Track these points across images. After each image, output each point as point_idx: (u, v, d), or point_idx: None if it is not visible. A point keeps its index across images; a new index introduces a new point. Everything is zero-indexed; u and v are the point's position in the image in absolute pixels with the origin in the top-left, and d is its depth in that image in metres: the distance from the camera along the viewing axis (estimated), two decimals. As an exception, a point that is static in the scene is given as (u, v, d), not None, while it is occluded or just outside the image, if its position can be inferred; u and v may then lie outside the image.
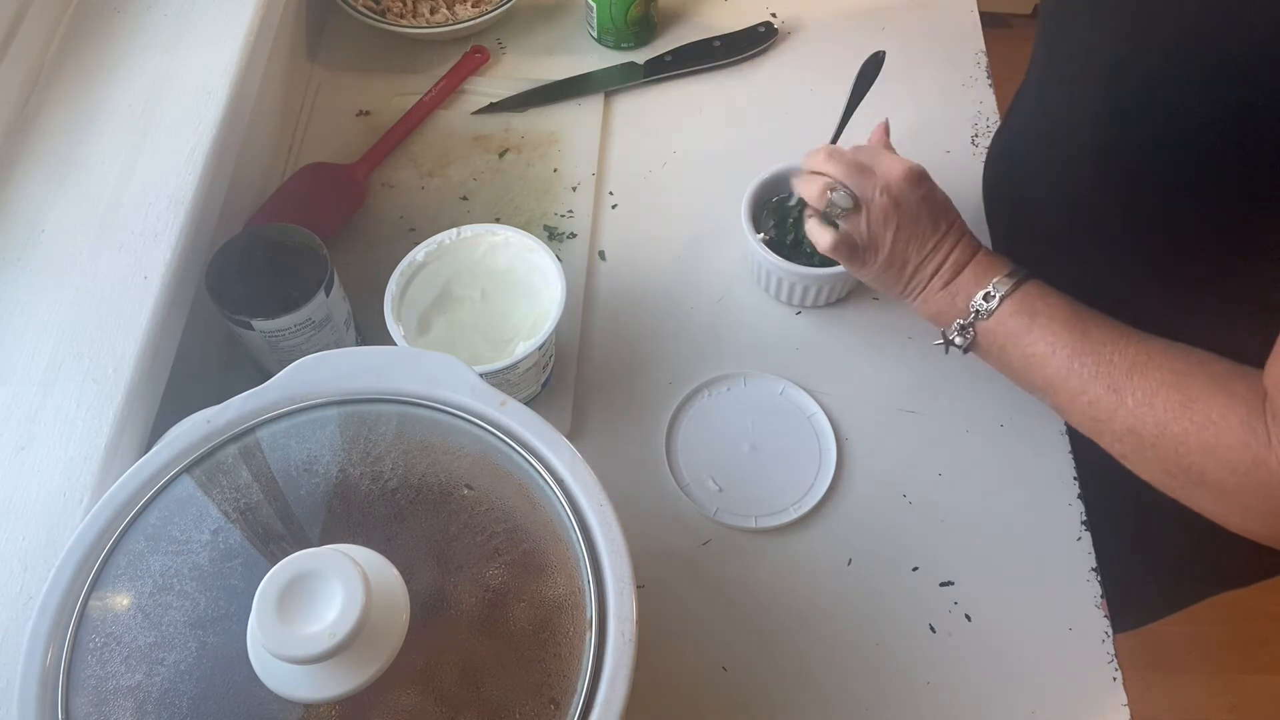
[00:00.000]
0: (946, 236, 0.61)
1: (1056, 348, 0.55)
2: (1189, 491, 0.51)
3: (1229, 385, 0.49)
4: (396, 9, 0.88)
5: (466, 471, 0.46)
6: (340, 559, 0.39)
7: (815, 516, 0.66)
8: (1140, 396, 0.51)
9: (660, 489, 0.67)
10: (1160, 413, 0.50)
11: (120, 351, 0.56)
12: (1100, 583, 0.63)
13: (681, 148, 0.83)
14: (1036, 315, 0.57)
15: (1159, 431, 0.50)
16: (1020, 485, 0.67)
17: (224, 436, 0.47)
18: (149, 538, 0.44)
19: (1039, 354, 0.56)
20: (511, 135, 0.83)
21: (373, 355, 0.50)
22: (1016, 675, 0.61)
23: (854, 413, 0.70)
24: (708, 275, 0.76)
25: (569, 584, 0.43)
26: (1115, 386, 0.53)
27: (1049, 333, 0.56)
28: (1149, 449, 0.51)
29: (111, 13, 0.70)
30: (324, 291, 0.62)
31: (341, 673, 0.39)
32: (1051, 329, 0.56)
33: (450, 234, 0.66)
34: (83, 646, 0.42)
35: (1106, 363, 0.53)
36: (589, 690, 0.41)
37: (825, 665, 0.61)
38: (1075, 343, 0.55)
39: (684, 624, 0.62)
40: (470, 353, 0.66)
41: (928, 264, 0.61)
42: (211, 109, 0.66)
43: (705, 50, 0.87)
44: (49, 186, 0.62)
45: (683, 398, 0.70)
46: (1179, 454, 0.50)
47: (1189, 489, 0.51)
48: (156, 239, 0.60)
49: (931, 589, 0.63)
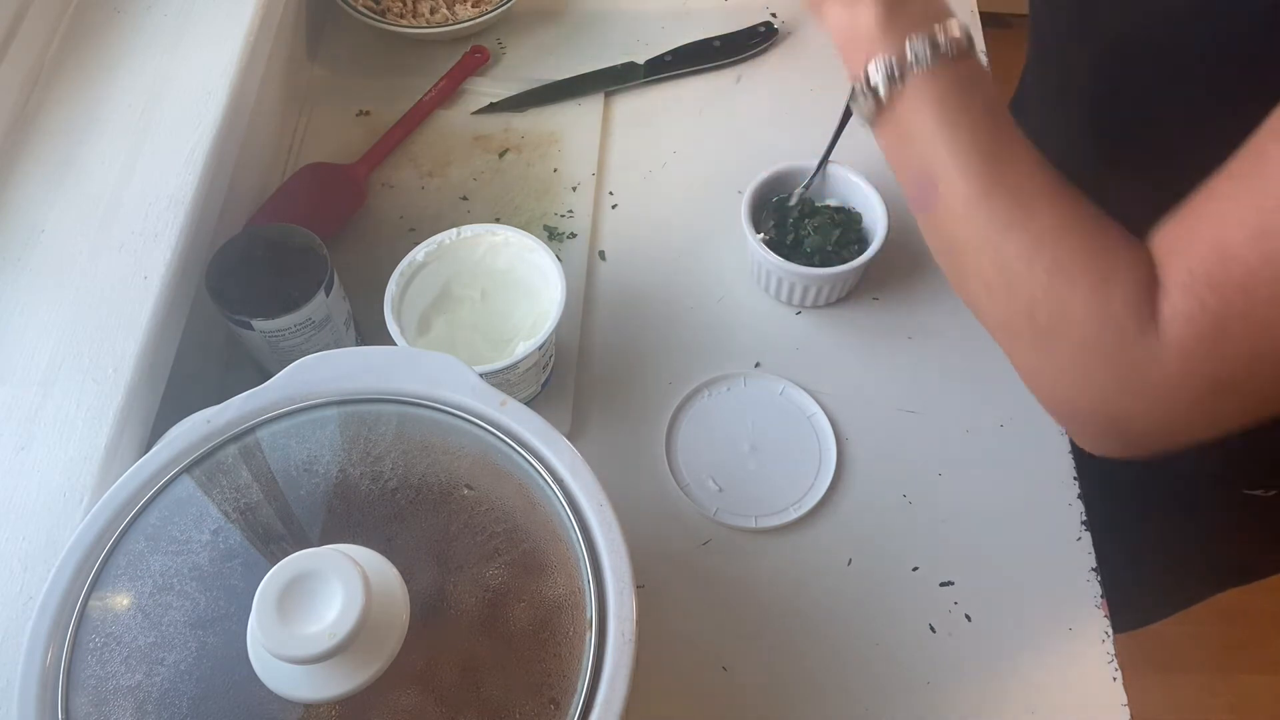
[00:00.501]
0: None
1: (982, 136, 0.48)
2: (1037, 344, 0.46)
3: (1138, 244, 0.45)
4: (396, 9, 0.88)
5: (466, 471, 0.46)
6: (340, 559, 0.39)
7: (815, 516, 0.66)
8: (1051, 223, 0.46)
9: (660, 489, 0.67)
10: (1065, 248, 0.45)
11: (120, 351, 0.56)
12: (1100, 583, 0.63)
13: (681, 148, 0.83)
14: (974, 92, 0.49)
15: (1054, 266, 0.45)
16: (1020, 485, 0.67)
17: (224, 436, 0.47)
18: (149, 538, 0.44)
19: (962, 136, 0.48)
20: (511, 135, 0.83)
21: (373, 355, 0.50)
22: (1016, 675, 0.61)
23: (854, 413, 0.70)
24: (708, 275, 0.76)
25: (569, 584, 0.43)
26: (1028, 203, 0.46)
27: (982, 117, 0.48)
28: (1024, 284, 0.46)
29: (111, 13, 0.70)
30: (324, 291, 0.62)
31: (341, 673, 0.39)
32: (986, 114, 0.49)
33: (450, 234, 0.66)
34: (83, 646, 0.42)
35: (1029, 174, 0.47)
36: (589, 690, 0.41)
37: (825, 665, 0.61)
38: (1004, 140, 0.48)
39: (684, 624, 0.62)
40: (470, 353, 0.66)
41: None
42: (211, 109, 0.66)
43: (705, 50, 0.87)
44: (49, 186, 0.62)
45: (683, 398, 0.70)
46: (1059, 297, 0.45)
47: (1039, 342, 0.46)
48: (156, 239, 0.60)
49: (931, 589, 0.63)
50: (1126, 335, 0.43)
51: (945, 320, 0.73)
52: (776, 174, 0.73)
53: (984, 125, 0.48)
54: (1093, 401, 0.46)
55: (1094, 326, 0.44)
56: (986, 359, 0.71)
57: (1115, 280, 0.44)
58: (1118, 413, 0.45)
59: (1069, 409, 0.47)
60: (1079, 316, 0.45)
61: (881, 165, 0.76)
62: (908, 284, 0.75)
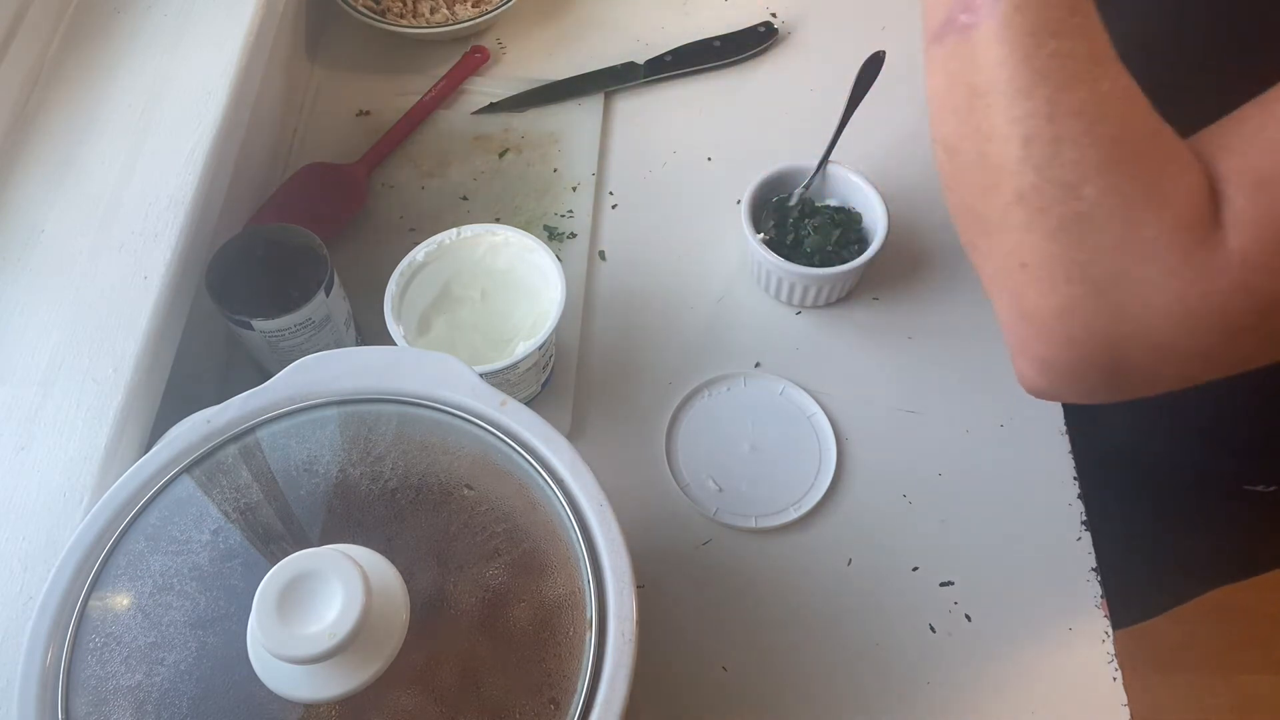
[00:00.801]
0: None
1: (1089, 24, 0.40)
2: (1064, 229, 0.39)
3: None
4: (396, 9, 0.88)
5: (466, 471, 0.46)
6: (340, 559, 0.39)
7: (815, 516, 0.66)
8: (1121, 87, 0.40)
9: (660, 489, 0.67)
10: (1134, 115, 0.40)
11: (120, 351, 0.56)
12: (1100, 583, 0.63)
13: (681, 148, 0.83)
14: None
15: (1120, 133, 0.39)
16: (1020, 485, 0.67)
17: (224, 436, 0.47)
18: (149, 538, 0.44)
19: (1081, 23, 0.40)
20: (511, 135, 0.83)
21: (373, 355, 0.50)
22: (1016, 675, 0.61)
23: (854, 413, 0.70)
24: (708, 275, 0.76)
25: (569, 584, 0.43)
26: (1100, 58, 0.40)
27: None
28: (1079, 147, 0.39)
29: (111, 13, 0.70)
30: (324, 291, 0.62)
31: (341, 673, 0.39)
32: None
33: (450, 234, 0.66)
34: (83, 646, 0.42)
35: (1100, 33, 0.41)
36: (589, 690, 0.41)
37: (825, 665, 0.61)
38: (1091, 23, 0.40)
39: (684, 624, 0.62)
40: (470, 353, 0.66)
41: None
42: (211, 109, 0.66)
43: (705, 50, 0.87)
44: (49, 186, 0.62)
45: (683, 398, 0.70)
46: (1118, 171, 0.39)
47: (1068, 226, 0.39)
48: (156, 239, 0.60)
49: (931, 589, 0.63)
50: (1179, 240, 0.37)
51: (945, 320, 0.73)
52: (776, 174, 0.73)
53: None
54: (1103, 313, 0.39)
55: (1147, 220, 0.38)
56: (986, 359, 0.71)
57: (1180, 173, 0.38)
58: (1127, 333, 0.39)
59: (1062, 320, 0.40)
60: (1134, 202, 0.38)
61: (882, 165, 0.76)
62: (908, 284, 0.75)
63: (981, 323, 0.72)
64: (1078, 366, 0.41)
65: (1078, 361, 0.41)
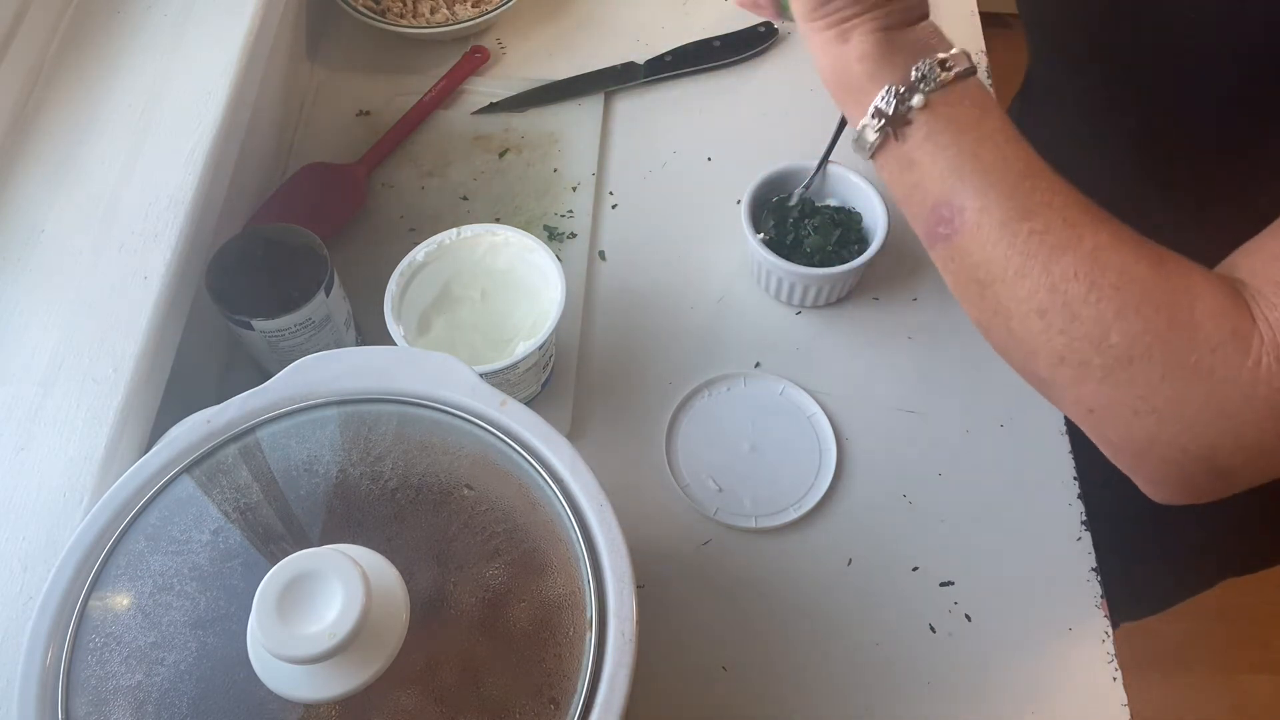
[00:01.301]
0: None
1: (1010, 156, 0.44)
2: (1111, 375, 0.41)
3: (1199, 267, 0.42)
4: (396, 9, 0.88)
5: (466, 471, 0.46)
6: (340, 559, 0.39)
7: (815, 516, 0.66)
8: (1105, 239, 0.41)
9: (660, 489, 0.67)
10: (1130, 259, 0.41)
11: (120, 351, 0.56)
12: (1100, 583, 0.63)
13: (681, 148, 0.83)
14: (988, 112, 0.45)
15: (1121, 281, 0.40)
16: (1020, 485, 0.67)
17: (224, 436, 0.47)
18: (149, 538, 0.44)
19: (985, 157, 0.44)
20: (511, 135, 0.83)
21: (373, 355, 0.50)
22: (1016, 675, 0.61)
23: (854, 413, 0.70)
24: (708, 275, 0.76)
25: (569, 584, 0.43)
26: (1074, 221, 0.42)
27: (1003, 138, 0.44)
28: (1088, 305, 0.41)
29: (111, 13, 0.70)
30: (324, 291, 0.62)
31: (341, 673, 0.39)
32: (1006, 135, 0.45)
33: (450, 234, 0.66)
34: (83, 646, 0.42)
35: (1066, 194, 0.43)
36: (589, 690, 0.41)
37: (825, 665, 0.61)
38: (1032, 160, 0.44)
39: (684, 624, 0.62)
40: (470, 353, 0.66)
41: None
42: (211, 109, 0.66)
43: (705, 50, 0.87)
44: (49, 186, 0.62)
45: (683, 398, 0.70)
46: (1136, 313, 0.40)
47: (1113, 371, 0.41)
48: (156, 239, 0.60)
49: (931, 589, 0.63)
50: (1221, 350, 0.39)
51: (945, 320, 0.73)
52: (776, 174, 0.73)
53: (1008, 144, 0.45)
54: (1182, 434, 0.40)
55: (1184, 341, 0.39)
56: (986, 359, 0.71)
57: (1196, 293, 0.40)
58: (1214, 442, 0.40)
59: (1150, 449, 0.42)
60: (1163, 331, 0.40)
61: (881, 165, 0.76)
62: (908, 284, 0.75)
63: (981, 323, 0.72)
64: (1185, 480, 0.42)
65: (1182, 477, 0.42)
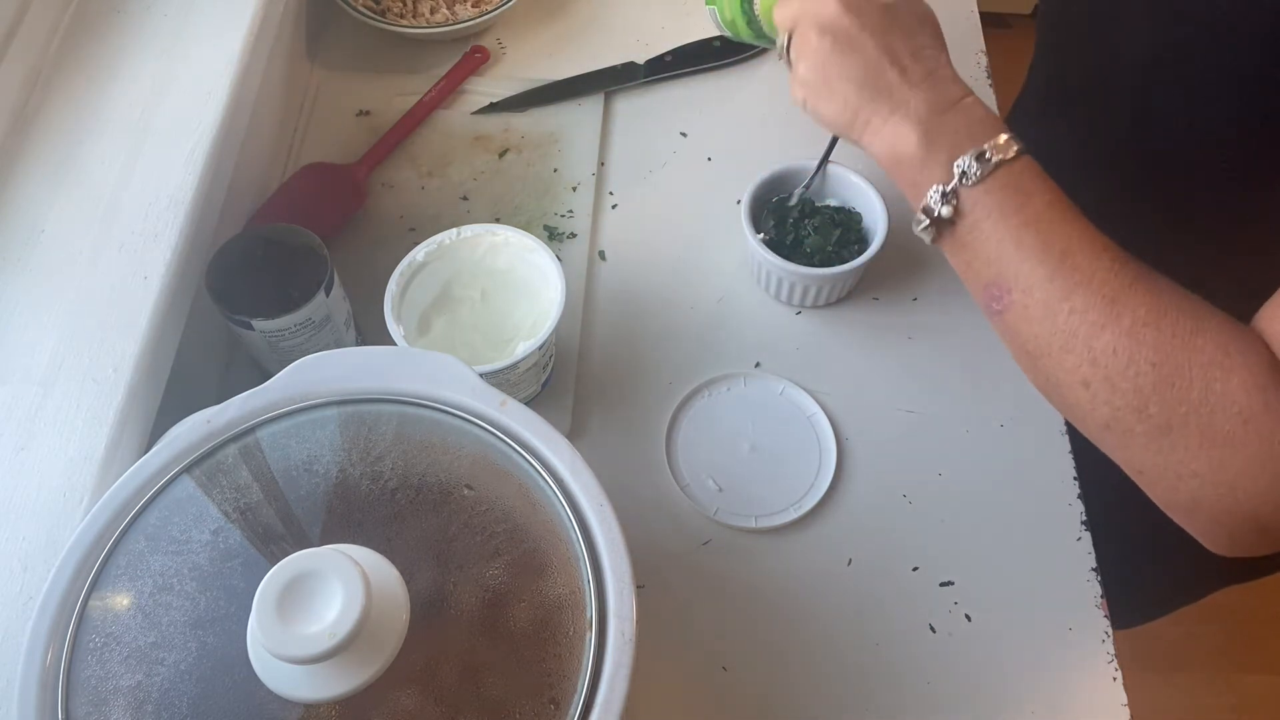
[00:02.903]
0: (917, 61, 0.51)
1: (1051, 238, 0.46)
2: (1153, 441, 0.43)
3: (1241, 326, 0.44)
4: (396, 9, 0.88)
5: (466, 471, 0.46)
6: (340, 559, 0.39)
7: (815, 516, 0.66)
8: (1143, 314, 0.43)
9: (660, 489, 0.67)
10: (1166, 335, 0.43)
11: (120, 351, 0.56)
12: (1100, 583, 0.63)
13: (681, 148, 0.83)
14: (1031, 196, 0.48)
15: (1157, 357, 0.43)
16: (1020, 485, 0.67)
17: (224, 436, 0.47)
18: (149, 538, 0.44)
19: (1028, 242, 0.47)
20: (511, 135, 0.83)
21: (373, 355, 0.50)
22: (1016, 675, 0.61)
23: (854, 413, 0.70)
24: (708, 275, 0.76)
25: (569, 584, 0.43)
26: (1113, 297, 0.44)
27: (1045, 219, 0.47)
28: (1127, 379, 0.43)
29: (111, 13, 0.70)
30: (324, 291, 0.62)
31: (341, 673, 0.39)
32: (1049, 215, 0.47)
33: (450, 234, 0.66)
34: (83, 646, 0.42)
35: (1107, 269, 0.45)
36: (589, 690, 0.41)
37: (825, 665, 0.61)
38: (1074, 237, 0.46)
39: (684, 624, 0.62)
40: (470, 353, 0.66)
41: (897, 94, 0.50)
42: (211, 109, 0.66)
43: (705, 50, 0.87)
44: (49, 186, 0.62)
45: (683, 398, 0.70)
46: (1172, 386, 0.42)
47: (1155, 439, 0.43)
48: (156, 239, 0.60)
49: (931, 589, 0.63)
50: (1257, 417, 0.41)
51: (945, 320, 0.73)
52: (776, 174, 0.73)
53: (1050, 225, 0.47)
54: (1225, 496, 0.42)
55: (1217, 412, 0.41)
56: (986, 359, 0.71)
57: (1231, 362, 0.42)
58: (1255, 504, 0.42)
59: (1197, 509, 0.44)
60: (1197, 403, 0.42)
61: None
62: (908, 284, 0.75)
63: (981, 323, 0.71)
64: (1234, 538, 0.44)
65: (1230, 535, 0.44)
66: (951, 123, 0.49)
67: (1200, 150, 0.59)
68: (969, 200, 0.48)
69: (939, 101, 0.50)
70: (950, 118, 0.50)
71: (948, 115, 0.50)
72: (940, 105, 0.50)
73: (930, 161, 0.49)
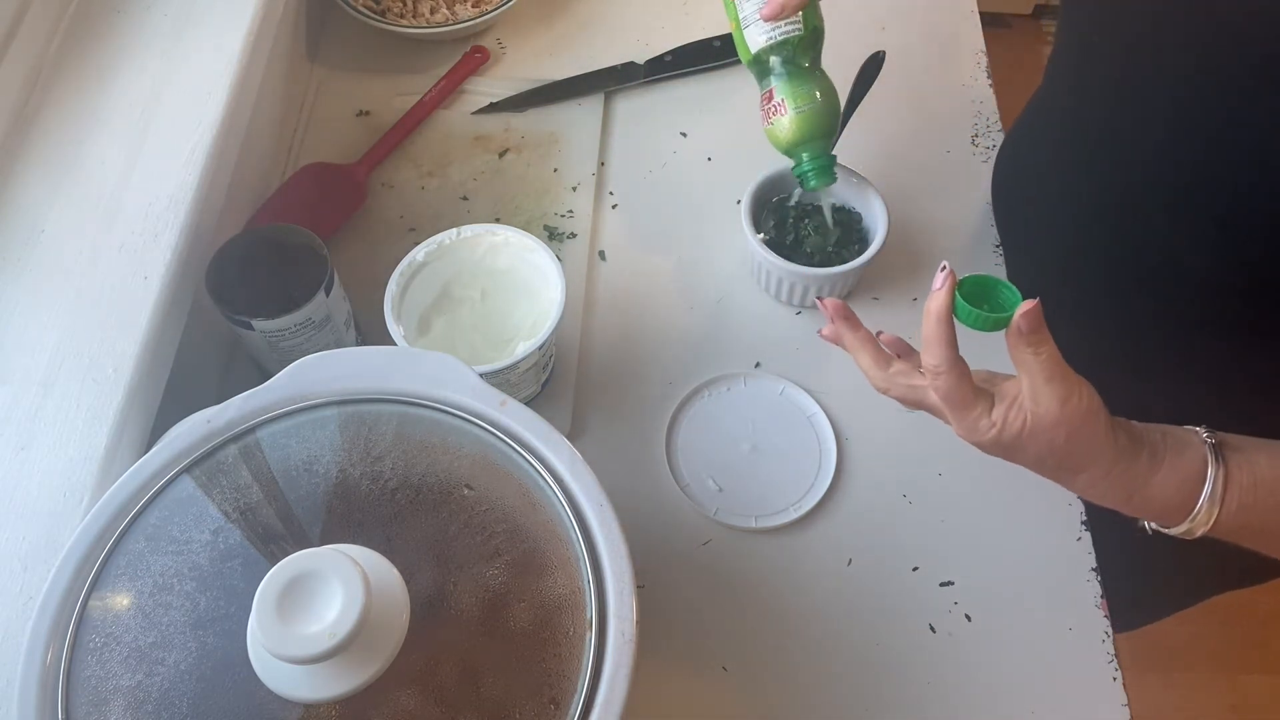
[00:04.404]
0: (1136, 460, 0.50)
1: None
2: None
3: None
4: (396, 9, 0.88)
5: (466, 471, 0.46)
6: (340, 559, 0.39)
7: (815, 516, 0.66)
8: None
9: (660, 489, 0.67)
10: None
11: (120, 351, 0.56)
12: (1100, 583, 0.63)
13: (681, 148, 0.83)
14: (1257, 480, 0.49)
15: None
16: (1020, 485, 0.67)
17: (224, 436, 0.47)
18: (149, 538, 0.44)
19: (1273, 527, 0.49)
20: (511, 135, 0.83)
21: (373, 355, 0.50)
22: (1016, 675, 0.61)
23: (854, 413, 0.70)
24: (708, 275, 0.76)
25: (569, 584, 0.43)
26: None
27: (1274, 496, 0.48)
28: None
29: (111, 13, 0.70)
30: (324, 291, 0.62)
31: (341, 673, 0.39)
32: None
33: (450, 234, 0.66)
34: (83, 646, 0.42)
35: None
36: (589, 690, 0.41)
37: (825, 665, 0.61)
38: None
39: (684, 624, 0.62)
40: (470, 353, 0.66)
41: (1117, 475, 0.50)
42: (211, 109, 0.66)
43: (705, 50, 0.87)
44: (49, 186, 0.62)
45: (683, 398, 0.70)
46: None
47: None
48: (156, 239, 0.60)
49: (931, 589, 0.63)
50: None
51: (945, 320, 0.73)
52: (776, 174, 0.73)
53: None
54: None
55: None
56: (986, 359, 0.71)
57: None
58: None
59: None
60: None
61: (882, 165, 0.76)
62: (908, 284, 0.75)
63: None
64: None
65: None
66: (1148, 492, 0.50)
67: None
68: (1220, 523, 0.49)
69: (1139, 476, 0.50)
70: (1150, 487, 0.50)
71: (1149, 487, 0.50)
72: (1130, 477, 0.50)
73: (1149, 507, 0.50)
